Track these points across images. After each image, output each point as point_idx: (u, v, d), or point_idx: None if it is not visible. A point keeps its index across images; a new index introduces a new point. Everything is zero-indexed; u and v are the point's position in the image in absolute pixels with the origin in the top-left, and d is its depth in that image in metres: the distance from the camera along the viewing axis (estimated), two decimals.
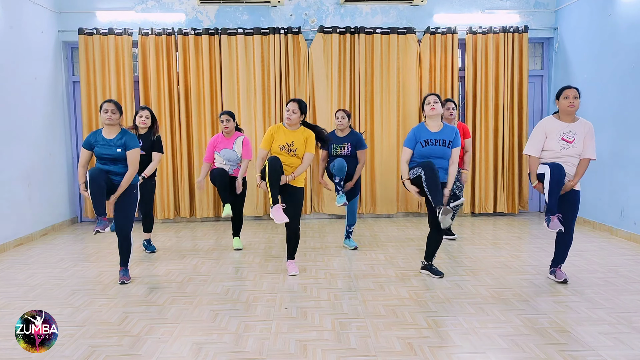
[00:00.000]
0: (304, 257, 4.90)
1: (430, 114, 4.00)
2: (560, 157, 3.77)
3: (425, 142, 3.98)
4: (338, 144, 4.91)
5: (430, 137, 3.98)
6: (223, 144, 5.03)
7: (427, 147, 3.97)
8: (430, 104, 4.00)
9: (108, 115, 3.86)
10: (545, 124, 3.84)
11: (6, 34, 5.48)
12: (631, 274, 4.19)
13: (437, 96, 4.03)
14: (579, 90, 3.80)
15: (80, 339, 3.02)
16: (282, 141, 4.14)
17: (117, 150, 3.88)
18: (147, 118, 4.81)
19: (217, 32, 6.64)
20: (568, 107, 3.74)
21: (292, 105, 4.14)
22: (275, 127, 4.21)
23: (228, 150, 4.99)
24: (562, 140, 3.76)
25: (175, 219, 6.94)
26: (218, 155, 5.02)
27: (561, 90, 3.82)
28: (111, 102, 3.90)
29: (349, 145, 4.89)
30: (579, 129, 3.78)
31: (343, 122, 4.91)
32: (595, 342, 2.88)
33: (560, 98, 3.80)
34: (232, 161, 5.01)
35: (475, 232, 5.96)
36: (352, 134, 4.97)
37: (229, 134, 5.05)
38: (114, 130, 3.94)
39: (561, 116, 3.83)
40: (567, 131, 3.77)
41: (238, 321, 3.27)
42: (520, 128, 6.88)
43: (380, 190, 6.87)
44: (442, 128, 4.03)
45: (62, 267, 4.62)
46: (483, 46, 6.77)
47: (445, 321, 3.21)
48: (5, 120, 5.44)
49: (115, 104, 3.91)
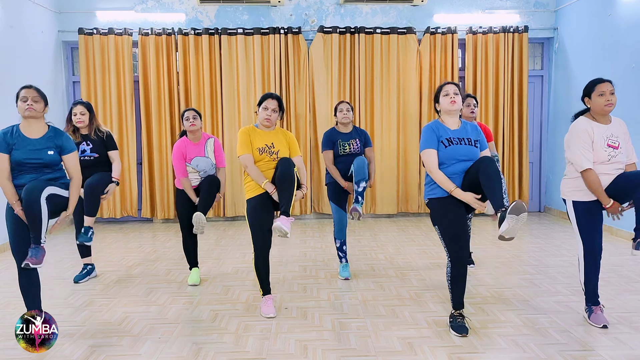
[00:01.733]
0: (304, 257, 4.90)
1: (449, 108, 3.06)
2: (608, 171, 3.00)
3: (448, 140, 3.03)
4: (345, 140, 4.15)
5: (452, 135, 3.06)
6: (192, 151, 3.99)
7: (451, 148, 3.01)
8: (450, 95, 3.06)
9: (28, 105, 2.96)
10: (586, 125, 3.03)
11: (6, 34, 5.48)
12: (631, 274, 4.19)
13: (457, 86, 3.10)
14: (613, 84, 3.04)
15: (80, 339, 3.02)
16: (260, 143, 3.41)
17: (48, 153, 2.97)
18: (83, 114, 3.99)
19: (217, 32, 6.64)
20: (605, 107, 2.99)
21: (271, 103, 3.42)
22: (248, 129, 3.47)
23: (201, 158, 3.99)
24: (608, 147, 2.99)
25: (175, 219, 6.94)
26: (189, 166, 3.99)
27: (593, 85, 3.05)
28: (31, 87, 3.03)
29: (358, 142, 4.18)
30: (619, 130, 3.08)
31: (348, 115, 4.18)
32: (595, 342, 2.88)
33: (593, 95, 3.03)
34: (207, 171, 4.03)
35: (475, 232, 5.95)
36: (358, 129, 4.30)
37: (195, 137, 4.02)
38: (38, 126, 3.04)
39: (596, 117, 3.07)
40: (609, 135, 3.02)
41: (238, 321, 3.27)
42: (520, 128, 6.88)
43: (380, 190, 6.87)
44: (461, 125, 3.13)
45: (62, 267, 4.62)
46: (483, 46, 6.77)
47: (445, 321, 3.21)
48: (5, 120, 5.41)
49: (37, 90, 3.01)
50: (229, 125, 6.69)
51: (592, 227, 3.09)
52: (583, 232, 3.09)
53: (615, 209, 3.01)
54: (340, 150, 4.14)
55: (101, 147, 4.05)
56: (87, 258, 4.29)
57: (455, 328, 3.01)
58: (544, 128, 7.20)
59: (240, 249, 5.26)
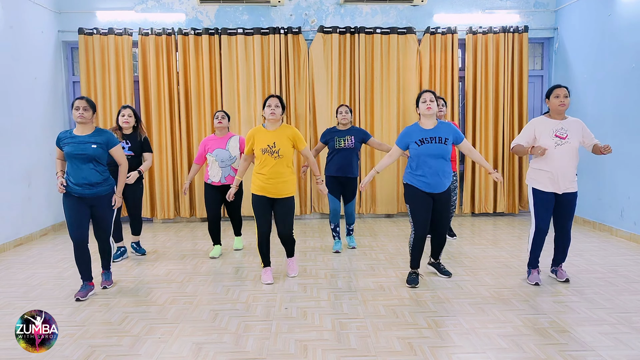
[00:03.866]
0: (304, 257, 4.90)
1: (425, 113, 3.78)
2: (554, 158, 3.75)
3: (420, 141, 3.77)
4: (341, 137, 4.83)
5: (425, 135, 3.77)
6: (215, 143, 4.79)
7: (423, 146, 3.75)
8: (427, 102, 3.77)
9: (80, 113, 3.63)
10: (536, 122, 3.86)
11: (6, 34, 5.48)
12: (631, 274, 4.19)
13: (432, 93, 3.81)
14: (568, 89, 3.81)
15: (80, 339, 3.02)
16: (263, 144, 3.89)
17: (91, 147, 3.65)
18: (130, 116, 4.68)
19: (217, 32, 6.64)
20: (559, 106, 3.76)
21: (273, 100, 3.91)
22: (254, 129, 3.99)
23: (221, 150, 4.75)
24: (555, 137, 3.76)
25: (175, 219, 6.94)
26: (210, 156, 4.77)
27: (551, 90, 3.83)
28: (83, 99, 3.68)
29: (352, 137, 4.82)
30: (572, 125, 3.80)
31: (347, 116, 4.86)
32: (595, 342, 2.89)
33: (551, 97, 3.81)
34: (224, 162, 4.75)
35: (475, 232, 5.96)
36: (354, 128, 4.94)
37: (221, 132, 4.84)
38: (87, 128, 3.72)
39: (552, 115, 3.85)
40: (559, 128, 3.78)
41: (238, 321, 3.27)
42: (521, 128, 6.86)
43: (380, 190, 6.87)
44: (436, 125, 3.83)
45: (62, 267, 4.62)
46: (483, 46, 6.77)
47: (445, 321, 3.21)
48: (5, 120, 5.44)
49: (87, 101, 3.69)
50: (230, 125, 6.67)
51: (545, 211, 3.85)
52: (537, 214, 3.87)
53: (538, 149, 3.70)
54: (336, 145, 4.85)
55: (138, 147, 4.75)
56: (120, 242, 4.94)
57: (409, 281, 3.94)
58: None
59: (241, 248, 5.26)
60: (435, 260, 4.21)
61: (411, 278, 3.96)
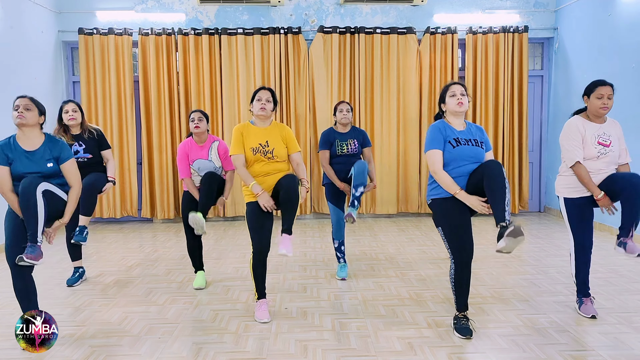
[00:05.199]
0: (304, 257, 4.90)
1: (456, 109, 2.99)
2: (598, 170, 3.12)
3: (456, 141, 2.95)
4: (343, 140, 4.12)
5: (460, 135, 2.99)
6: (195, 153, 3.90)
7: (459, 148, 2.93)
8: (457, 96, 2.99)
9: (19, 113, 2.86)
10: (579, 124, 3.15)
11: (6, 34, 5.48)
12: (631, 274, 4.19)
13: (464, 87, 3.04)
14: (613, 88, 3.16)
15: (80, 339, 3.02)
16: (253, 143, 3.27)
17: (47, 165, 2.92)
18: (75, 111, 3.92)
19: (217, 32, 6.64)
20: (600, 109, 3.11)
21: (264, 93, 3.32)
22: (241, 126, 3.34)
23: (203, 160, 3.88)
24: (598, 145, 3.11)
25: (175, 219, 6.94)
26: (191, 167, 3.92)
27: (594, 86, 3.16)
28: (25, 97, 2.97)
29: (356, 142, 4.15)
30: (612, 129, 3.18)
31: (348, 115, 4.15)
32: (595, 342, 2.88)
33: (592, 96, 3.14)
34: None
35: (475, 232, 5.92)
36: (356, 129, 4.26)
37: (200, 139, 3.91)
38: (33, 136, 2.96)
39: (590, 117, 3.20)
40: (601, 133, 3.13)
41: (238, 321, 3.27)
42: (520, 128, 6.88)
43: (380, 190, 6.86)
44: (467, 126, 3.08)
45: (62, 267, 4.62)
46: (483, 46, 6.77)
47: (445, 321, 3.21)
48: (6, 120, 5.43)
49: (30, 99, 2.94)
50: (229, 126, 6.68)
51: (583, 222, 3.24)
52: (574, 227, 3.27)
53: (606, 202, 3.09)
54: (338, 151, 4.11)
55: (94, 147, 3.96)
56: (78, 261, 4.18)
57: (460, 330, 2.98)
58: (543, 128, 7.20)
59: (240, 249, 5.26)
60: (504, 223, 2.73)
61: (460, 325, 3.00)
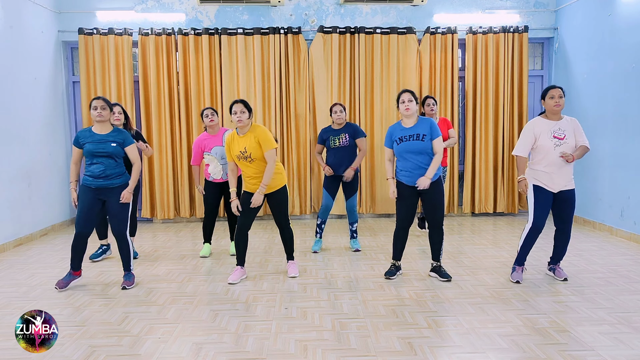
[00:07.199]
0: (304, 257, 4.90)
1: (404, 113, 3.89)
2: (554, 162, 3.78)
3: (400, 139, 3.89)
4: (335, 135, 4.88)
5: (404, 133, 3.89)
6: (211, 141, 4.74)
7: (402, 144, 3.88)
8: (405, 103, 3.87)
9: (98, 112, 3.82)
10: (534, 124, 3.88)
11: (6, 34, 5.48)
12: (631, 274, 4.19)
13: (411, 93, 3.88)
14: (563, 90, 3.85)
15: (80, 339, 3.02)
16: (236, 151, 3.98)
17: (112, 145, 3.86)
18: (120, 114, 4.62)
19: (217, 32, 6.64)
20: (554, 107, 3.80)
21: (238, 106, 3.90)
22: (229, 137, 4.06)
23: (219, 147, 4.72)
24: (554, 138, 3.79)
25: (175, 219, 6.94)
26: (209, 155, 4.74)
27: (546, 91, 3.87)
28: (100, 98, 3.87)
29: (347, 135, 4.85)
30: (567, 125, 3.84)
31: (342, 116, 4.84)
32: (595, 342, 2.89)
33: (546, 98, 3.85)
34: (225, 158, 4.72)
35: (475, 232, 5.96)
36: (348, 125, 4.93)
37: (214, 130, 4.78)
38: (105, 127, 3.91)
39: (548, 116, 3.89)
40: (556, 129, 3.81)
41: (238, 321, 3.27)
42: (520, 128, 6.86)
43: (380, 190, 6.87)
44: (416, 122, 3.91)
45: (62, 267, 4.62)
46: (483, 46, 6.77)
47: (445, 321, 3.21)
48: (5, 120, 5.44)
49: (104, 100, 3.88)
50: (229, 126, 6.68)
51: (544, 209, 3.86)
52: (536, 211, 3.87)
53: (523, 186, 3.86)
54: (331, 144, 4.92)
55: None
56: (104, 240, 4.89)
57: (388, 273, 4.13)
58: None
59: None
60: (436, 263, 4.10)
61: (389, 270, 4.16)
